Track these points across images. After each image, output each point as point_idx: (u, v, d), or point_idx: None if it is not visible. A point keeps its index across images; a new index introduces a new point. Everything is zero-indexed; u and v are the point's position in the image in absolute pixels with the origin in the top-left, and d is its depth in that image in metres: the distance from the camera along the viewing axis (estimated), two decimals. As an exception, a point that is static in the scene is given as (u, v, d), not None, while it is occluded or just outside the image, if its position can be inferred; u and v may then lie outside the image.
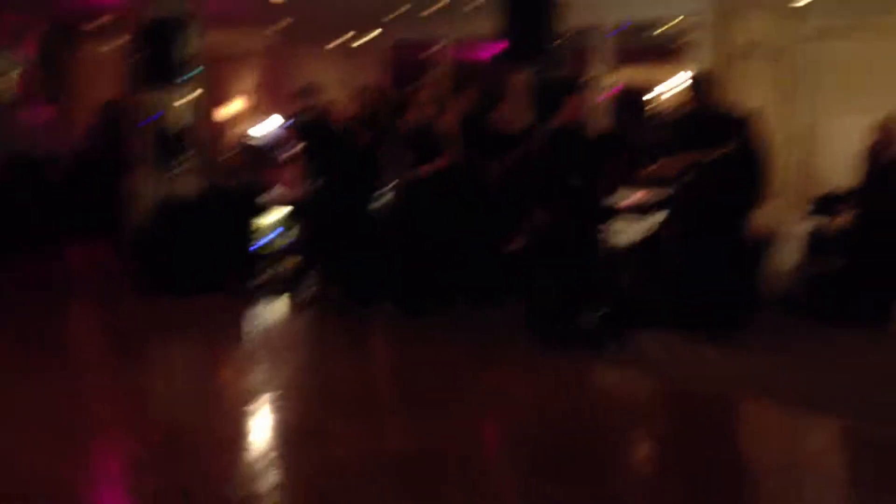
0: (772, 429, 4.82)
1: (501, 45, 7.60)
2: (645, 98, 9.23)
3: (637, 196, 7.02)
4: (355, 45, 12.01)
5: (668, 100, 8.84)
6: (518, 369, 5.63)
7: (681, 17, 8.28)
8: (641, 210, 6.82)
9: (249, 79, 13.74)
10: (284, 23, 11.71)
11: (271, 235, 8.26)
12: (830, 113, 8.44)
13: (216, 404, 4.91)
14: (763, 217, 7.50)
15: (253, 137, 9.93)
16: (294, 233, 8.06)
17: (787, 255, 7.85)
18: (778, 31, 8.51)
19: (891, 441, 4.39)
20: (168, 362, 6.03)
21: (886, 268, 7.00)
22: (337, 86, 10.11)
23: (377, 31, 11.30)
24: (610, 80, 8.84)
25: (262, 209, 8.43)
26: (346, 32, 12.14)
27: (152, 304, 7.33)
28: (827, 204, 7.81)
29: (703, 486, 3.76)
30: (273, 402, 4.91)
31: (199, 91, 9.82)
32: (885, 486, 3.80)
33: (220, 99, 13.55)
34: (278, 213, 8.25)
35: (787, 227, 7.96)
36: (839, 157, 8.03)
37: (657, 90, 9.06)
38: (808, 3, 8.38)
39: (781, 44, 8.59)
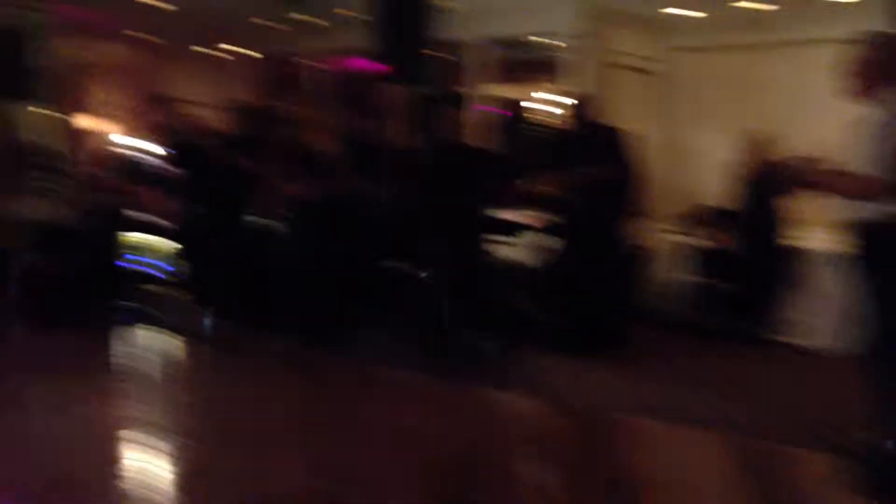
0: (659, 445, 4.94)
1: (378, 60, 7.55)
2: (522, 114, 9.34)
3: (527, 216, 7.06)
4: (225, 56, 11.73)
5: (544, 116, 8.98)
6: (412, 397, 5.56)
7: (555, 33, 8.42)
8: (532, 230, 6.86)
9: (113, 91, 13.13)
10: (151, 32, 11.29)
11: (150, 263, 7.88)
12: (697, 128, 8.81)
13: (97, 446, 4.61)
14: (637, 233, 7.76)
15: (120, 153, 9.45)
16: (176, 262, 7.74)
17: (661, 270, 8.14)
18: (647, 47, 8.81)
19: (770, 453, 4.59)
20: (44, 401, 5.62)
21: (761, 285, 7.33)
22: (206, 98, 9.87)
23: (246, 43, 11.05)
24: (487, 95, 8.90)
25: (137, 232, 8.04)
26: (216, 44, 11.84)
27: (33, 337, 6.86)
28: (697, 219, 8.11)
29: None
30: (159, 441, 4.66)
31: (56, 105, 9.34)
32: (763, 498, 3.95)
33: (82, 112, 12.90)
34: (154, 239, 7.87)
35: (658, 243, 8.25)
36: (707, 172, 8.40)
37: (534, 106, 9.18)
38: (676, 21, 8.72)
39: (650, 60, 8.91)
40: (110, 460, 4.38)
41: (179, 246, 7.58)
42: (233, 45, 11.65)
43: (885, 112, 3.91)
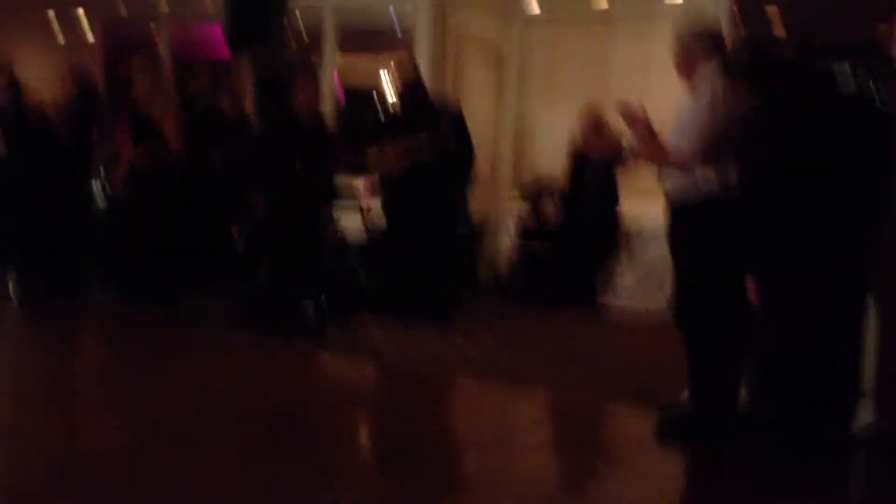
0: (486, 406, 5.04)
1: (223, 28, 7.38)
2: (367, 86, 9.32)
3: (359, 184, 7.07)
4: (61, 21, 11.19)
5: (385, 88, 8.97)
6: (235, 359, 5.51)
7: (402, 5, 8.41)
8: (362, 199, 6.88)
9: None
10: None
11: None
12: (538, 105, 8.99)
13: None
14: (477, 205, 7.90)
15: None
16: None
17: (501, 241, 8.32)
18: (491, 24, 8.91)
19: (593, 409, 4.77)
20: None
21: (589, 253, 7.60)
22: (42, 65, 9.45)
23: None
24: (333, 67, 8.83)
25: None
26: (51, 7, 11.28)
27: None
28: (534, 192, 8.31)
29: (420, 462, 3.86)
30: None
31: None
32: (591, 452, 4.12)
33: None
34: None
35: (499, 215, 8.42)
36: (548, 147, 8.59)
37: (379, 78, 9.16)
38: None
39: (494, 37, 9.02)
40: None
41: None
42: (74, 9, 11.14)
43: (694, 95, 4.11)
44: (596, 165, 7.48)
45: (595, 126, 7.52)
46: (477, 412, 4.96)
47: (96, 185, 7.31)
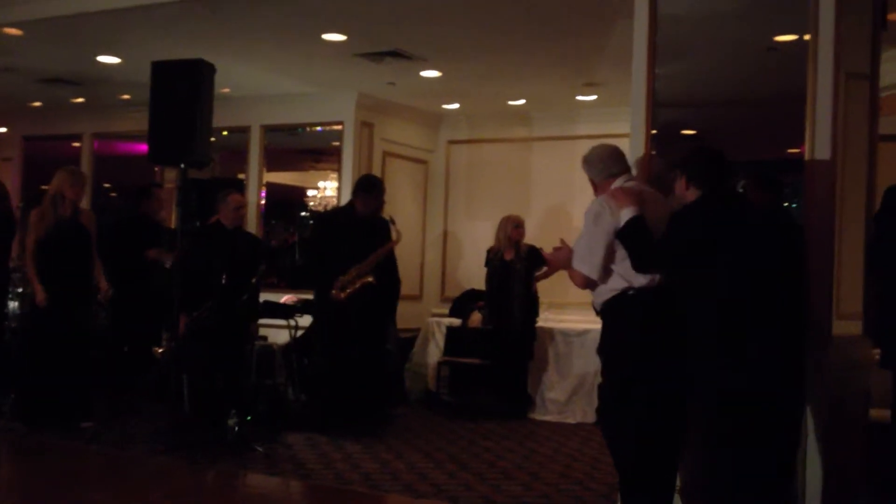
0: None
1: (146, 143, 7.39)
2: (295, 199, 9.39)
3: (286, 298, 7.05)
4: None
5: (317, 201, 9.06)
6: (158, 482, 5.28)
7: (334, 123, 8.58)
8: (289, 312, 6.82)
9: None
10: None
11: None
12: (463, 217, 9.18)
13: None
14: (406, 319, 7.93)
15: None
16: None
17: (430, 355, 8.33)
18: (416, 139, 9.15)
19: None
20: None
21: (514, 364, 7.64)
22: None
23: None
24: (260, 181, 8.89)
25: None
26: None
27: None
28: (462, 304, 8.37)
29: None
30: None
31: None
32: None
33: None
34: None
35: (428, 329, 8.44)
36: (471, 259, 8.73)
37: (308, 192, 9.26)
38: (442, 116, 9.12)
39: (419, 151, 9.25)
40: None
41: None
42: (4, 126, 11.09)
43: (595, 208, 4.25)
44: (517, 272, 7.58)
45: (515, 237, 7.65)
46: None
47: (11, 306, 7.12)
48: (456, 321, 8.26)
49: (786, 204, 4.80)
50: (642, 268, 4.09)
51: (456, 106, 8.85)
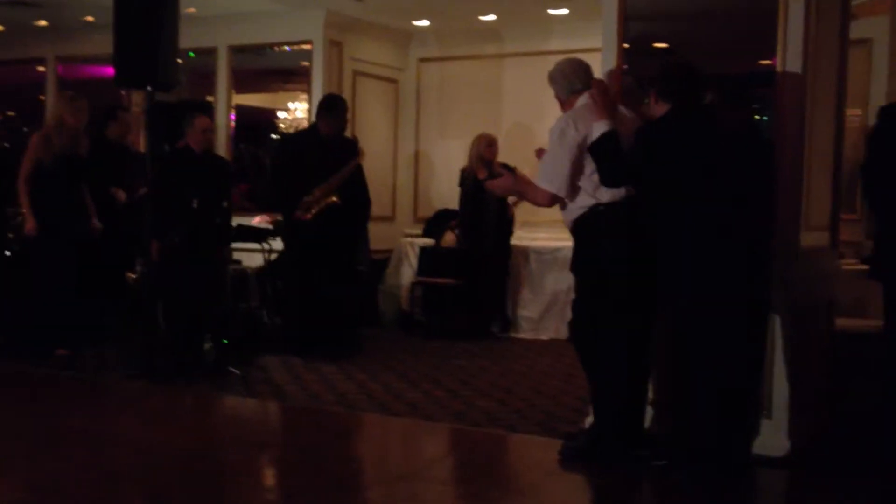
0: (391, 441, 5.01)
1: (120, 66, 7.22)
2: (265, 121, 9.26)
3: (257, 220, 7.00)
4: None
5: (287, 122, 8.93)
6: (135, 406, 5.34)
7: (302, 42, 8.41)
8: (261, 235, 6.79)
9: None
10: None
11: None
12: (439, 135, 9.09)
13: None
14: (378, 241, 7.91)
15: None
16: None
17: (403, 276, 8.34)
18: (386, 58, 9.00)
19: (499, 441, 4.78)
20: None
21: (486, 285, 7.68)
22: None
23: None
24: (229, 103, 8.75)
25: None
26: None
27: None
28: (435, 224, 8.36)
29: (327, 499, 3.79)
30: None
31: None
32: (497, 483, 4.12)
33: None
34: None
35: (401, 250, 8.45)
36: (443, 179, 8.69)
37: (277, 114, 9.12)
38: (422, 32, 8.96)
39: (396, 69, 9.11)
40: None
41: None
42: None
43: (562, 123, 4.22)
44: (488, 194, 7.56)
45: (486, 156, 7.59)
46: (383, 448, 4.93)
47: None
48: (429, 241, 8.26)
49: (757, 117, 4.79)
50: (611, 183, 4.09)
51: (426, 23, 8.68)
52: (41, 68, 9.83)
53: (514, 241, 7.84)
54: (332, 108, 6.65)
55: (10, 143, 9.58)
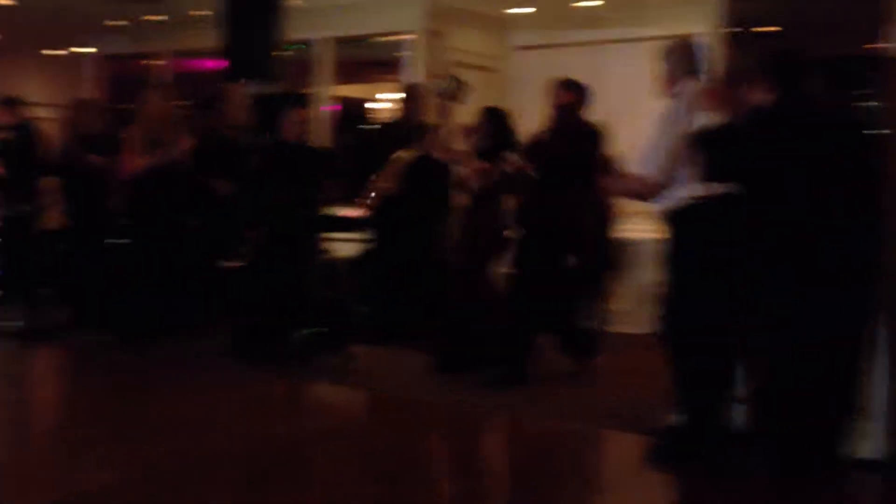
0: (479, 434, 4.99)
1: (222, 59, 7.43)
2: (364, 112, 9.35)
3: (351, 211, 7.06)
4: (67, 55, 11.38)
5: (385, 113, 9.01)
6: (229, 393, 5.47)
7: (398, 32, 8.46)
8: (354, 225, 6.86)
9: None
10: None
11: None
12: (533, 126, 8.96)
13: None
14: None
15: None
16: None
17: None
18: (489, 45, 8.95)
19: (585, 437, 4.70)
20: None
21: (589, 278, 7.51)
22: (51, 98, 9.59)
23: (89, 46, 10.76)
24: (329, 94, 8.87)
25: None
26: (59, 44, 11.48)
27: None
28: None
29: (419, 487, 3.80)
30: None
31: None
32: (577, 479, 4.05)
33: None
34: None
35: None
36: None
37: (376, 105, 9.20)
38: (512, 20, 8.88)
39: (492, 58, 9.05)
40: None
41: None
42: (84, 45, 11.32)
43: (670, 109, 4.10)
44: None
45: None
46: (470, 440, 4.91)
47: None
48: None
49: (865, 103, 4.55)
50: (714, 176, 3.95)
51: (525, 10, 8.59)
52: (158, 62, 10.19)
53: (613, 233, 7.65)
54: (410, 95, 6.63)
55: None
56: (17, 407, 5.24)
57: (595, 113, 8.15)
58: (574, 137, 5.58)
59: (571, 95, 5.71)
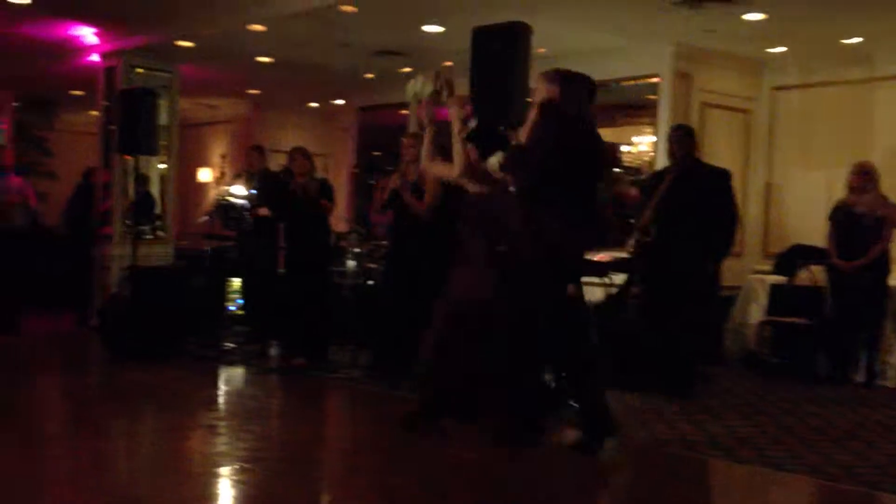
0: (736, 487, 4.74)
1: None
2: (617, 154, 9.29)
3: (600, 256, 6.99)
4: (320, 109, 12.21)
5: (632, 156, 8.91)
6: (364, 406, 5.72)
7: (650, 76, 8.38)
8: (604, 270, 6.79)
9: (223, 144, 13.89)
10: (257, 91, 11.91)
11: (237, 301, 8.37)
12: (790, 168, 8.56)
13: (177, 474, 4.75)
14: (727, 274, 7.55)
15: (228, 195, 9.93)
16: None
17: (750, 313, 7.89)
18: (736, 87, 8.66)
19: (858, 498, 4.35)
20: (131, 432, 5.86)
21: (849, 325, 7.03)
22: (315, 147, 10.29)
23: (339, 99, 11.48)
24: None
25: (232, 274, 8.50)
26: (315, 100, 12.36)
27: (117, 372, 7.23)
28: (788, 260, 7.83)
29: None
30: (235, 472, 4.76)
31: (171, 158, 9.93)
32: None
33: (195, 164, 13.67)
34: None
35: (749, 285, 8.01)
36: (796, 212, 8.13)
37: (623, 148, 9.13)
38: (766, 61, 8.54)
39: (749, 99, 8.74)
40: (189, 489, 4.48)
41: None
42: (342, 98, 12.12)
43: None
44: (864, 227, 6.93)
45: (864, 179, 6.98)
46: (729, 497, 4.67)
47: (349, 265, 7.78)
48: (780, 278, 7.77)
49: None
50: None
51: (781, 49, 8.25)
52: (404, 112, 10.71)
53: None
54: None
55: (375, 179, 10.51)
56: (281, 443, 5.51)
57: (867, 154, 7.67)
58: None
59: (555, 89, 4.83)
